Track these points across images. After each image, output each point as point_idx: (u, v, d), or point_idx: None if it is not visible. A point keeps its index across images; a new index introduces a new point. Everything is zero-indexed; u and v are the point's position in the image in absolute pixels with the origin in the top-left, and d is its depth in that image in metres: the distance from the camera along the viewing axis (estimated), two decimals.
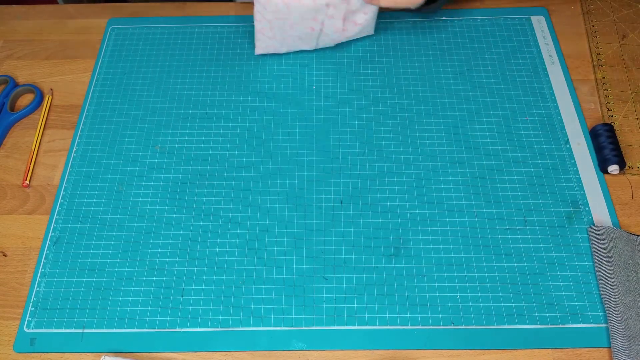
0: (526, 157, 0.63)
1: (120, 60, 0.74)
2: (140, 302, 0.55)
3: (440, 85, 0.70)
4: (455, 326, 0.53)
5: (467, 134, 0.65)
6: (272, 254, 0.57)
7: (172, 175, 0.63)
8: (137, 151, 0.65)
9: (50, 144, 0.67)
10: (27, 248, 0.59)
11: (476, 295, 0.55)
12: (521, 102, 0.68)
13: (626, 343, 0.50)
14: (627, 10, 0.77)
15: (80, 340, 0.53)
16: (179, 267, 0.57)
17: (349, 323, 0.53)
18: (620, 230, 0.57)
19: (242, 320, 0.54)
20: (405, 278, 0.56)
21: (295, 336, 0.53)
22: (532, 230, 0.58)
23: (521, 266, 0.56)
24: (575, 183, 0.61)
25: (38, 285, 0.56)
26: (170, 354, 0.53)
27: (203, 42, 0.75)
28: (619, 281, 0.54)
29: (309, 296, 0.55)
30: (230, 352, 0.53)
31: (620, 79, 0.70)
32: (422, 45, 0.73)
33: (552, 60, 0.71)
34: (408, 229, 0.59)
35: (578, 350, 0.52)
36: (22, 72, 0.74)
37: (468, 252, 0.57)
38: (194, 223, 0.60)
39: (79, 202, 0.62)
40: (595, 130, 0.64)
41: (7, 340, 0.54)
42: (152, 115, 0.68)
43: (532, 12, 0.76)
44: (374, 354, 0.52)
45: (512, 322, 0.53)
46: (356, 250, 0.57)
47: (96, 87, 0.71)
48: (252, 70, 0.72)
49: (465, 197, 0.61)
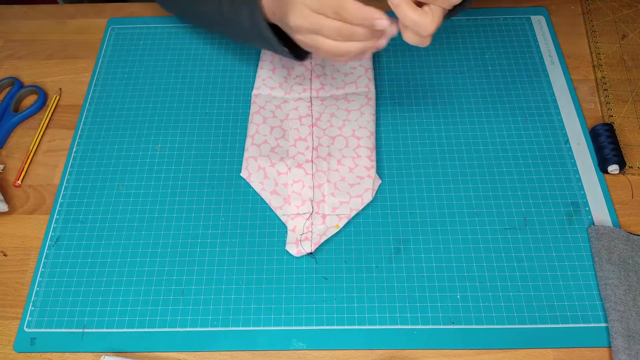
0: (526, 157, 0.63)
1: (120, 60, 0.74)
2: (140, 302, 0.55)
3: (440, 85, 0.70)
4: (455, 326, 0.53)
5: (467, 134, 0.65)
6: (272, 253, 0.57)
7: (172, 175, 0.63)
8: (137, 151, 0.65)
9: (51, 143, 0.67)
10: (27, 248, 0.59)
11: (476, 295, 0.55)
12: (521, 102, 0.68)
13: (626, 343, 0.50)
14: (627, 10, 0.77)
15: (80, 340, 0.53)
16: (179, 267, 0.57)
17: (349, 323, 0.53)
18: (620, 230, 0.57)
19: (242, 320, 0.54)
20: (405, 278, 0.56)
21: (295, 336, 0.53)
22: (532, 230, 0.58)
23: (521, 266, 0.56)
24: (575, 183, 0.61)
25: (38, 285, 0.56)
26: (170, 353, 0.53)
27: (203, 42, 0.75)
28: (619, 281, 0.54)
29: (309, 296, 0.55)
30: (230, 352, 0.53)
31: (620, 79, 0.70)
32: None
33: (552, 60, 0.71)
34: (408, 229, 0.59)
35: (578, 350, 0.52)
36: (22, 72, 0.74)
37: (468, 252, 0.57)
38: (194, 223, 0.60)
39: (79, 202, 0.62)
40: (595, 130, 0.64)
41: (7, 340, 0.54)
42: (152, 115, 0.68)
43: (532, 12, 0.76)
44: (374, 354, 0.52)
45: (512, 322, 0.53)
46: (356, 250, 0.57)
47: (96, 87, 0.71)
48: (252, 71, 0.72)
49: (465, 197, 0.61)
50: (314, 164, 0.61)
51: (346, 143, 0.63)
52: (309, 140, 0.63)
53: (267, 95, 0.68)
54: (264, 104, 0.67)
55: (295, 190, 0.60)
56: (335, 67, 0.70)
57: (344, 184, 0.60)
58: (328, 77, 0.69)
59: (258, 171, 0.62)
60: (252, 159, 0.62)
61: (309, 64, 0.70)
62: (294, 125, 0.65)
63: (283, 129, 0.65)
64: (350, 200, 0.59)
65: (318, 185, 0.60)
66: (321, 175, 0.61)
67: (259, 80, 0.69)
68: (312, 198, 0.59)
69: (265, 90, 0.68)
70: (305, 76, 0.69)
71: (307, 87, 0.68)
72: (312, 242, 0.57)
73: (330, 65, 0.70)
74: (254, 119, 0.66)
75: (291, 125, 0.65)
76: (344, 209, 0.59)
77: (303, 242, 0.57)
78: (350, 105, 0.66)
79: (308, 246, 0.57)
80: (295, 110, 0.66)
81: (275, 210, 0.59)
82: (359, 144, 0.63)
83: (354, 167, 0.61)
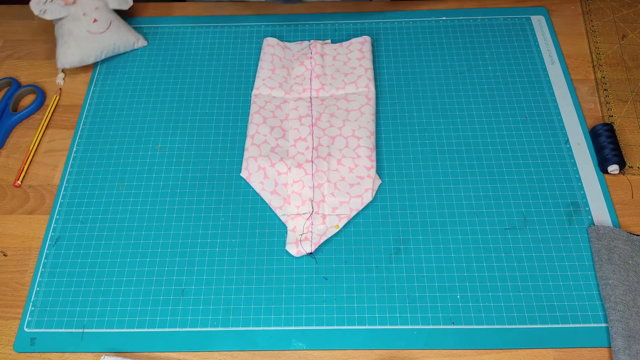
0: (526, 157, 0.63)
1: (120, 60, 0.74)
2: (140, 302, 0.55)
3: (440, 85, 0.70)
4: (455, 326, 0.53)
5: (467, 134, 0.65)
6: (272, 253, 0.57)
7: (172, 175, 0.63)
8: (137, 151, 0.65)
9: (50, 143, 0.67)
10: (27, 248, 0.59)
11: (476, 295, 0.55)
12: (521, 102, 0.68)
13: (626, 343, 0.50)
14: (627, 10, 0.77)
15: (80, 340, 0.53)
16: (179, 267, 0.57)
17: (349, 323, 0.53)
18: (620, 230, 0.57)
19: (242, 320, 0.54)
20: (405, 278, 0.56)
21: (295, 336, 0.53)
22: (532, 230, 0.58)
23: (521, 266, 0.56)
24: (575, 183, 0.61)
25: (38, 285, 0.56)
26: (170, 354, 0.53)
27: (203, 42, 0.75)
28: (619, 281, 0.54)
29: (309, 296, 0.55)
30: (230, 352, 0.53)
31: (620, 78, 0.70)
32: (422, 45, 0.73)
33: (552, 60, 0.71)
34: (408, 229, 0.59)
35: (578, 350, 0.52)
36: (22, 72, 0.74)
37: (468, 252, 0.57)
38: (194, 223, 0.60)
39: (79, 202, 0.62)
40: (595, 130, 0.64)
41: (7, 340, 0.54)
42: (152, 115, 0.68)
43: (532, 12, 0.76)
44: (374, 354, 0.52)
45: (512, 322, 0.53)
46: (356, 250, 0.57)
47: (96, 87, 0.71)
48: (252, 71, 0.72)
49: (465, 197, 0.61)
50: (314, 164, 0.61)
51: (346, 143, 0.63)
52: (308, 140, 0.63)
53: (267, 95, 0.68)
54: (264, 104, 0.67)
55: (295, 190, 0.60)
56: (335, 67, 0.70)
57: (344, 184, 0.60)
58: (328, 77, 0.69)
59: (258, 171, 0.62)
60: (252, 159, 0.62)
61: (309, 64, 0.70)
62: (294, 125, 0.65)
63: (283, 129, 0.65)
64: (350, 200, 0.59)
65: (318, 185, 0.60)
66: (321, 175, 0.61)
67: (259, 80, 0.69)
68: (312, 198, 0.59)
69: (265, 90, 0.68)
70: (305, 76, 0.69)
71: (307, 87, 0.68)
72: (312, 242, 0.57)
73: (330, 65, 0.70)
74: (254, 119, 0.66)
75: (291, 125, 0.65)
76: (343, 209, 0.59)
77: (303, 242, 0.57)
78: (350, 105, 0.66)
79: (308, 246, 0.57)
80: (295, 110, 0.66)
81: (275, 210, 0.59)
82: (359, 144, 0.63)
83: (354, 167, 0.61)
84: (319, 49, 0.71)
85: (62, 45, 0.70)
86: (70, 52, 0.69)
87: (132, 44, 0.73)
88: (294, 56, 0.71)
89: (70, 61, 0.70)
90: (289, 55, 0.71)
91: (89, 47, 0.70)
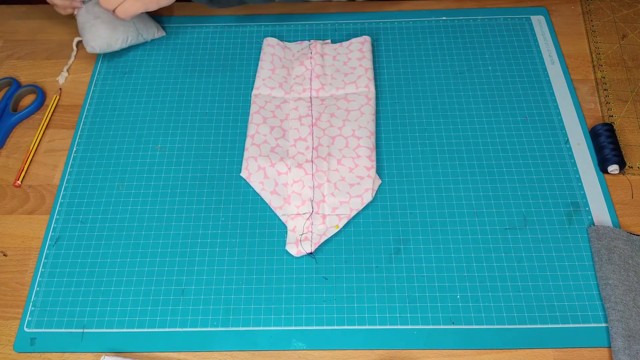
0: (526, 157, 0.63)
1: (120, 60, 0.74)
2: (140, 302, 0.55)
3: (440, 85, 0.70)
4: (455, 326, 0.53)
5: (467, 134, 0.65)
6: (272, 253, 0.57)
7: (172, 175, 0.63)
8: (137, 151, 0.65)
9: (50, 143, 0.67)
10: (27, 248, 0.59)
11: (476, 295, 0.55)
12: (521, 102, 0.68)
13: (626, 343, 0.50)
14: (627, 10, 0.77)
15: (80, 340, 0.53)
16: (179, 267, 0.57)
17: (349, 323, 0.53)
18: (620, 230, 0.57)
19: (242, 320, 0.54)
20: (405, 278, 0.56)
21: (295, 336, 0.53)
22: (532, 230, 0.58)
23: (521, 266, 0.56)
24: (575, 183, 0.61)
25: (38, 285, 0.56)
26: (170, 354, 0.53)
27: (203, 42, 0.75)
28: (619, 281, 0.54)
29: (309, 296, 0.55)
30: (230, 352, 0.53)
31: (620, 78, 0.70)
32: (422, 45, 0.73)
33: (552, 60, 0.71)
34: (408, 229, 0.59)
35: (578, 350, 0.52)
36: (22, 72, 0.74)
37: (468, 252, 0.57)
38: (194, 223, 0.60)
39: (79, 202, 0.62)
40: (595, 130, 0.64)
41: (7, 340, 0.54)
42: (152, 115, 0.68)
43: (532, 12, 0.76)
44: (374, 354, 0.52)
45: (512, 322, 0.53)
46: (356, 250, 0.57)
47: (96, 87, 0.71)
48: (252, 71, 0.72)
49: (465, 197, 0.61)
50: (314, 164, 0.61)
51: (346, 143, 0.63)
52: (308, 140, 0.63)
53: (267, 95, 0.68)
54: (264, 104, 0.67)
55: (295, 190, 0.60)
56: (335, 67, 0.70)
57: (344, 184, 0.60)
58: (328, 77, 0.69)
59: (258, 171, 0.62)
60: (252, 159, 0.62)
61: (309, 64, 0.70)
62: (294, 125, 0.65)
63: (283, 129, 0.65)
64: (350, 200, 0.59)
65: (318, 185, 0.60)
66: (321, 175, 0.61)
67: (259, 80, 0.69)
68: (312, 198, 0.59)
69: (265, 90, 0.68)
70: (305, 76, 0.69)
71: (307, 87, 0.68)
72: (312, 242, 0.57)
73: (330, 65, 0.70)
74: (254, 119, 0.66)
75: (291, 125, 0.65)
76: (343, 209, 0.59)
77: (303, 242, 0.57)
78: (350, 105, 0.66)
79: (308, 246, 0.57)
80: (295, 110, 0.66)
81: (275, 210, 0.59)
82: (359, 144, 0.63)
83: (354, 167, 0.61)
84: (319, 49, 0.71)
85: (90, 28, 0.70)
86: (99, 34, 0.69)
87: (153, 33, 0.74)
88: (294, 56, 0.71)
89: (100, 44, 0.70)
90: (289, 55, 0.71)
91: (117, 31, 0.70)
